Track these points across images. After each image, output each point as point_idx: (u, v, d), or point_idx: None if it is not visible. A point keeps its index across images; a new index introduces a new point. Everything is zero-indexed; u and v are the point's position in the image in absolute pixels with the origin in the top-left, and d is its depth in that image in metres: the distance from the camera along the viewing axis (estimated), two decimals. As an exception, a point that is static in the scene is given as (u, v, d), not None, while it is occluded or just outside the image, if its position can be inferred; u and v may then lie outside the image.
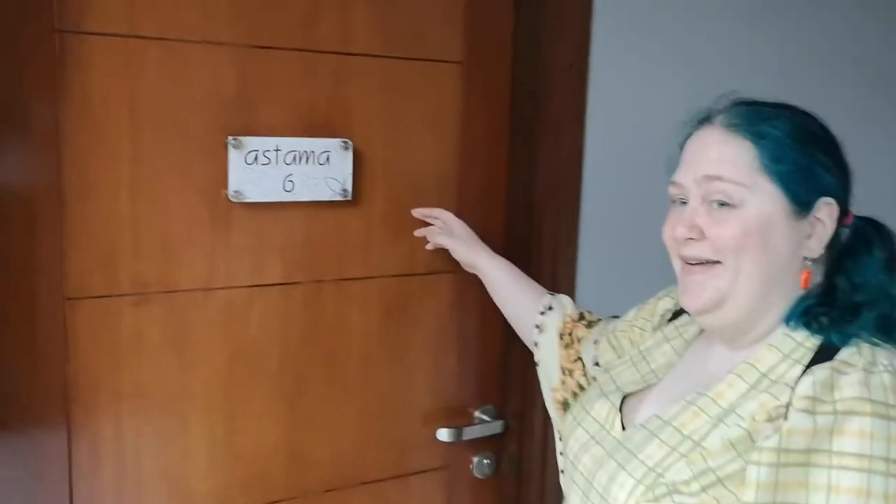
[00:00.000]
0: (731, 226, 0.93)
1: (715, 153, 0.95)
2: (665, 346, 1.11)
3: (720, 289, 0.94)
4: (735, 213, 0.93)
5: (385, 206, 1.49)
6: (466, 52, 1.53)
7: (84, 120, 1.23)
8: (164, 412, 1.35)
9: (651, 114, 1.60)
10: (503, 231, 1.62)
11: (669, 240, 0.99)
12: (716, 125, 0.97)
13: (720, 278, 0.94)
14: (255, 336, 1.41)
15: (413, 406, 1.58)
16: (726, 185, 0.93)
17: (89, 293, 1.27)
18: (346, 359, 1.50)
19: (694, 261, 0.96)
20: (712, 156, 0.95)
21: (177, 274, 1.33)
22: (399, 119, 1.48)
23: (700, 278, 0.95)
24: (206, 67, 1.30)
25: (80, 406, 1.28)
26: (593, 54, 1.55)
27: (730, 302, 0.94)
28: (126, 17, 1.24)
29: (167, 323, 1.33)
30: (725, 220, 0.93)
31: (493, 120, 1.57)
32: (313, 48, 1.39)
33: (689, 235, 0.95)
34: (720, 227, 0.93)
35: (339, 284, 1.47)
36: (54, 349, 1.25)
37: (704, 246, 0.95)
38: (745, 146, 0.94)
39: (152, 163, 1.28)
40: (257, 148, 1.33)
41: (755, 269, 0.93)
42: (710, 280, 0.95)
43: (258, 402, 1.43)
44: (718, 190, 0.94)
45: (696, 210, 0.96)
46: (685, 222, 0.96)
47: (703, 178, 0.95)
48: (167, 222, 1.31)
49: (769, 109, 0.98)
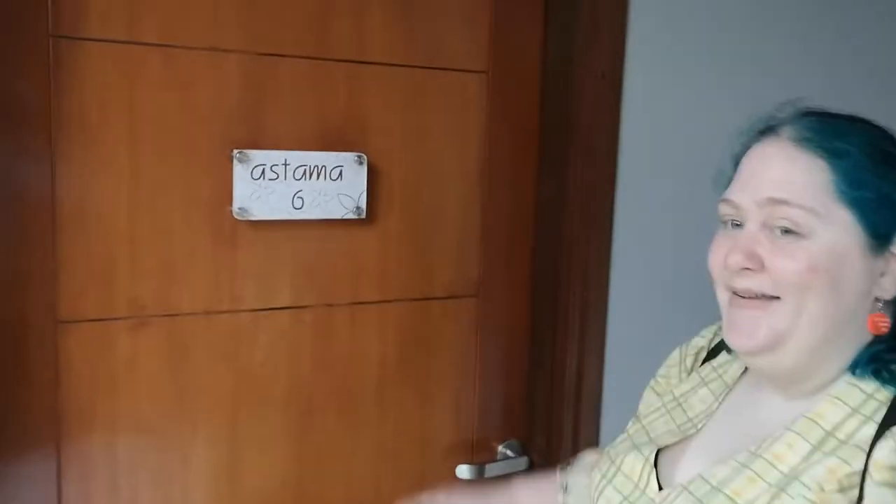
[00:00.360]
0: (797, 259, 0.79)
1: (782, 172, 0.82)
2: (702, 390, 0.97)
3: (776, 329, 0.81)
4: (802, 245, 0.80)
5: (402, 225, 1.40)
6: (492, 61, 1.43)
7: (80, 130, 1.15)
8: (163, 444, 1.26)
9: (691, 126, 1.48)
10: (530, 254, 1.51)
11: (718, 268, 0.86)
12: (783, 138, 0.83)
13: (777, 317, 0.81)
14: (262, 363, 1.32)
15: (432, 440, 1.48)
16: (794, 210, 0.80)
17: (83, 316, 1.19)
18: (360, 388, 1.40)
19: (747, 294, 0.83)
20: (778, 175, 0.82)
21: (177, 296, 1.24)
22: (418, 132, 1.39)
23: (753, 314, 0.82)
24: (212, 76, 1.22)
25: (72, 435, 1.20)
26: (628, 63, 1.44)
27: (787, 345, 0.81)
28: (125, 23, 1.16)
29: (166, 348, 1.25)
30: (791, 251, 0.80)
31: (520, 133, 1.47)
32: (326, 56, 1.30)
33: (747, 265, 0.81)
34: (784, 258, 0.80)
35: (353, 308, 1.38)
36: (45, 374, 1.17)
37: (763, 279, 0.81)
38: (817, 166, 0.81)
39: (152, 177, 1.20)
40: (264, 162, 1.24)
41: (820, 310, 0.80)
42: (765, 317, 0.81)
43: (264, 434, 1.33)
44: (784, 215, 0.80)
45: (756, 236, 0.82)
46: (742, 249, 0.82)
47: (766, 200, 0.81)
48: (167, 241, 1.22)
49: (844, 123, 0.84)
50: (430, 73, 1.38)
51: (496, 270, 1.49)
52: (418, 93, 1.38)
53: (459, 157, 1.43)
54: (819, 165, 0.81)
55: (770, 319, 0.81)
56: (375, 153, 1.35)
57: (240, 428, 1.31)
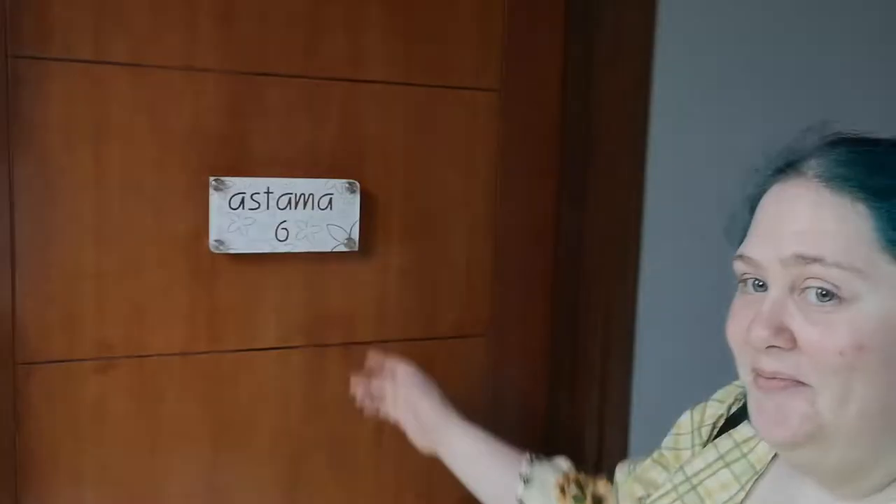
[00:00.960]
0: (838, 333, 0.61)
1: (809, 221, 0.64)
2: (723, 472, 0.79)
3: (814, 419, 0.63)
4: (844, 314, 0.62)
5: (402, 258, 1.27)
6: (504, 79, 1.30)
7: (41, 157, 1.06)
8: (133, 496, 1.16)
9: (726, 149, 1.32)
10: (548, 290, 1.36)
11: (738, 343, 0.68)
12: (808, 176, 0.65)
13: (815, 404, 0.62)
14: (244, 409, 1.21)
15: (437, 496, 1.34)
16: (831, 270, 0.62)
17: (46, 357, 1.10)
18: (355, 438, 1.28)
19: (777, 376, 0.65)
20: (806, 224, 0.64)
21: (149, 335, 1.14)
22: (420, 156, 1.26)
23: (782, 401, 0.64)
24: (188, 97, 1.12)
25: (32, 488, 1.10)
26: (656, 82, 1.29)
27: (831, 438, 0.63)
28: (91, 40, 1.07)
29: (137, 392, 1.14)
30: (830, 323, 0.62)
31: (537, 157, 1.33)
32: (317, 75, 1.19)
33: (774, 342, 0.63)
34: (822, 333, 0.62)
35: (347, 349, 1.26)
36: (3, 419, 1.08)
37: (795, 359, 0.63)
38: (855, 211, 0.63)
39: (121, 207, 1.11)
40: (244, 190, 1.13)
41: (872, 395, 0.62)
42: (798, 404, 0.63)
43: (248, 489, 1.22)
44: (817, 275, 0.62)
45: (783, 303, 0.64)
46: (766, 321, 0.64)
47: (792, 257, 0.64)
48: (138, 276, 1.13)
49: (886, 151, 0.66)
50: (433, 92, 1.26)
51: (510, 308, 1.35)
52: (420, 114, 1.25)
53: (467, 184, 1.30)
54: (857, 210, 0.63)
55: (805, 407, 0.63)
56: (372, 180, 1.23)
57: (220, 478, 1.20)
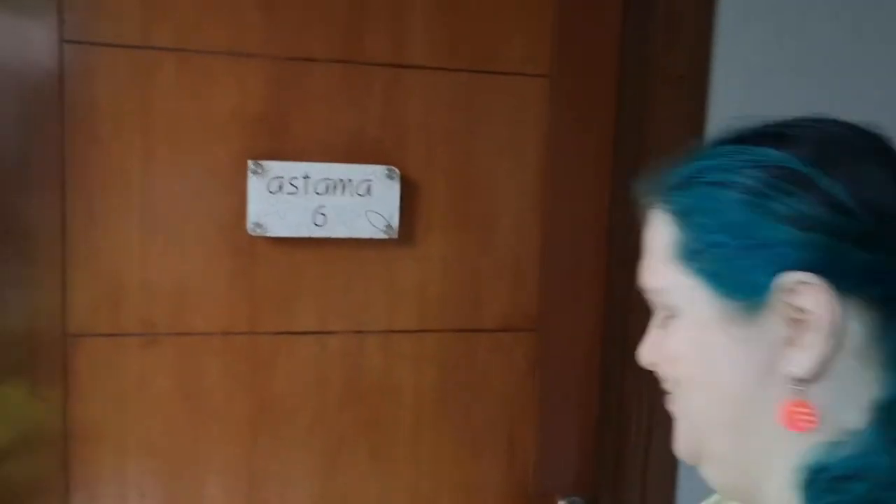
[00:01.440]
0: (662, 350, 0.61)
1: (649, 244, 0.63)
2: None
3: (685, 434, 0.62)
4: (670, 329, 0.61)
5: (444, 248, 1.25)
6: (554, 63, 1.26)
7: (90, 139, 1.11)
8: (175, 470, 1.19)
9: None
10: (600, 283, 1.31)
11: None
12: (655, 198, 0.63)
13: (681, 419, 0.63)
14: (283, 392, 1.22)
15: (477, 490, 1.31)
16: (652, 294, 0.62)
17: (94, 330, 1.15)
18: (394, 426, 1.27)
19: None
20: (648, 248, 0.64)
21: (190, 314, 1.17)
22: (465, 142, 1.24)
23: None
24: (231, 82, 1.15)
25: (78, 455, 1.15)
26: (715, 66, 1.22)
27: (704, 455, 0.61)
28: (139, 26, 1.11)
29: (179, 369, 1.18)
30: (661, 338, 0.62)
31: (589, 144, 1.28)
32: (360, 59, 1.19)
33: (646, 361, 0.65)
34: (650, 347, 0.64)
35: (387, 337, 1.25)
36: (53, 387, 1.13)
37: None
38: (666, 224, 0.60)
39: (166, 189, 1.14)
40: (282, 174, 1.15)
41: (705, 409, 0.59)
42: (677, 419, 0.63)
43: (285, 471, 1.23)
44: (654, 301, 0.63)
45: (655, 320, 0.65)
46: (645, 342, 0.65)
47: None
48: (181, 255, 1.16)
49: (683, 161, 0.60)
50: (479, 78, 1.23)
51: (559, 301, 1.30)
52: (465, 99, 1.23)
53: (514, 171, 1.26)
54: (667, 222, 0.60)
55: (679, 421, 0.63)
56: (414, 166, 1.22)
57: (258, 461, 1.22)
